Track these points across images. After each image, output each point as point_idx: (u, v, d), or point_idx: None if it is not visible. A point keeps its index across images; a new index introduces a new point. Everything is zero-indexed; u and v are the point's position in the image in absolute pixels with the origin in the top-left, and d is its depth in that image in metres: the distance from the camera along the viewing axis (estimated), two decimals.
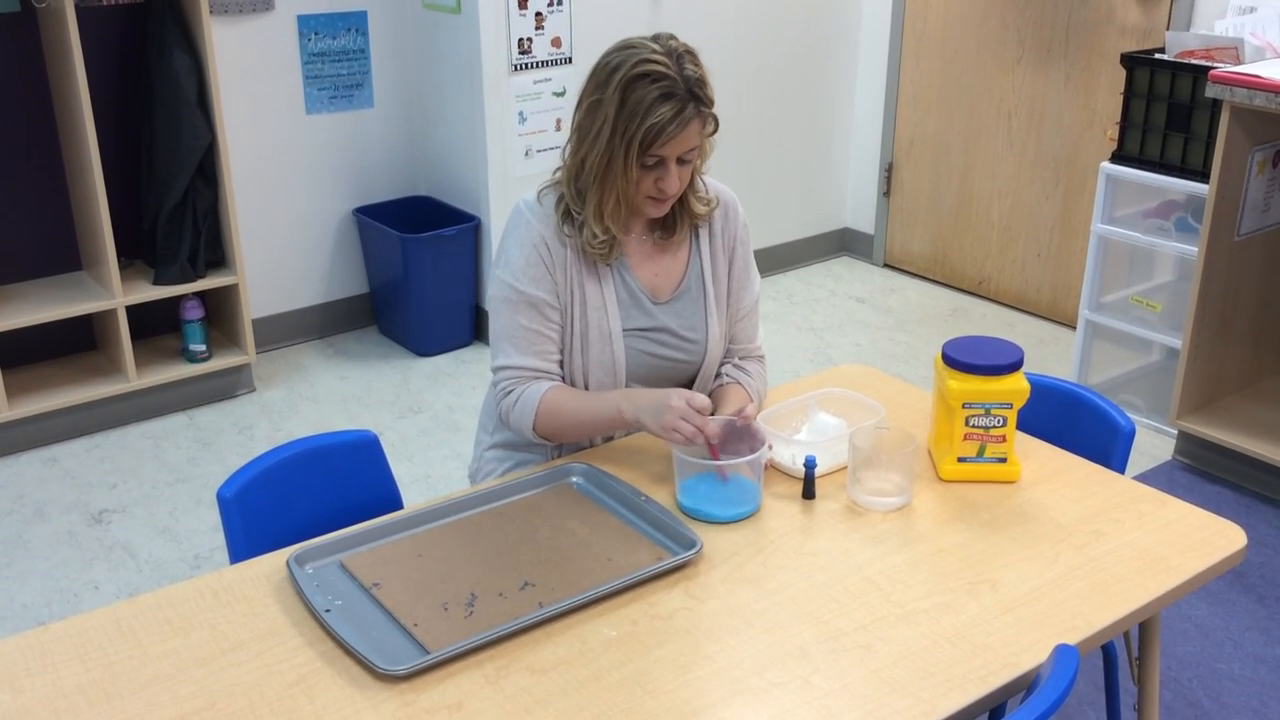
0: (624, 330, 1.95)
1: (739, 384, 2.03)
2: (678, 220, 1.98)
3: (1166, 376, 3.59)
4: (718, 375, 2.07)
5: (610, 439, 2.01)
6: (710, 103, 1.85)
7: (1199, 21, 3.75)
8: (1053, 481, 1.88)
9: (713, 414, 1.92)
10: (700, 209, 1.99)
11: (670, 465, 1.84)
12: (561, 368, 1.96)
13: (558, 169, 1.96)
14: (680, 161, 1.85)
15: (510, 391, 1.93)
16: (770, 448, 1.82)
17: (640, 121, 1.79)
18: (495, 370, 1.95)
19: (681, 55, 1.82)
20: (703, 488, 1.78)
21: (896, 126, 4.83)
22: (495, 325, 1.95)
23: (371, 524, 1.73)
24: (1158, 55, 3.47)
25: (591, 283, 1.93)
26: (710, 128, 1.87)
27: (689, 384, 2.03)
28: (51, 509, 3.22)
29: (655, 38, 1.85)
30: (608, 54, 1.85)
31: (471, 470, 2.14)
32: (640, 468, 1.90)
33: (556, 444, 1.99)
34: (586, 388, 1.96)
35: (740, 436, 1.83)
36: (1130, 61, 3.50)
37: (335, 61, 4.03)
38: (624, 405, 1.85)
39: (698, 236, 2.02)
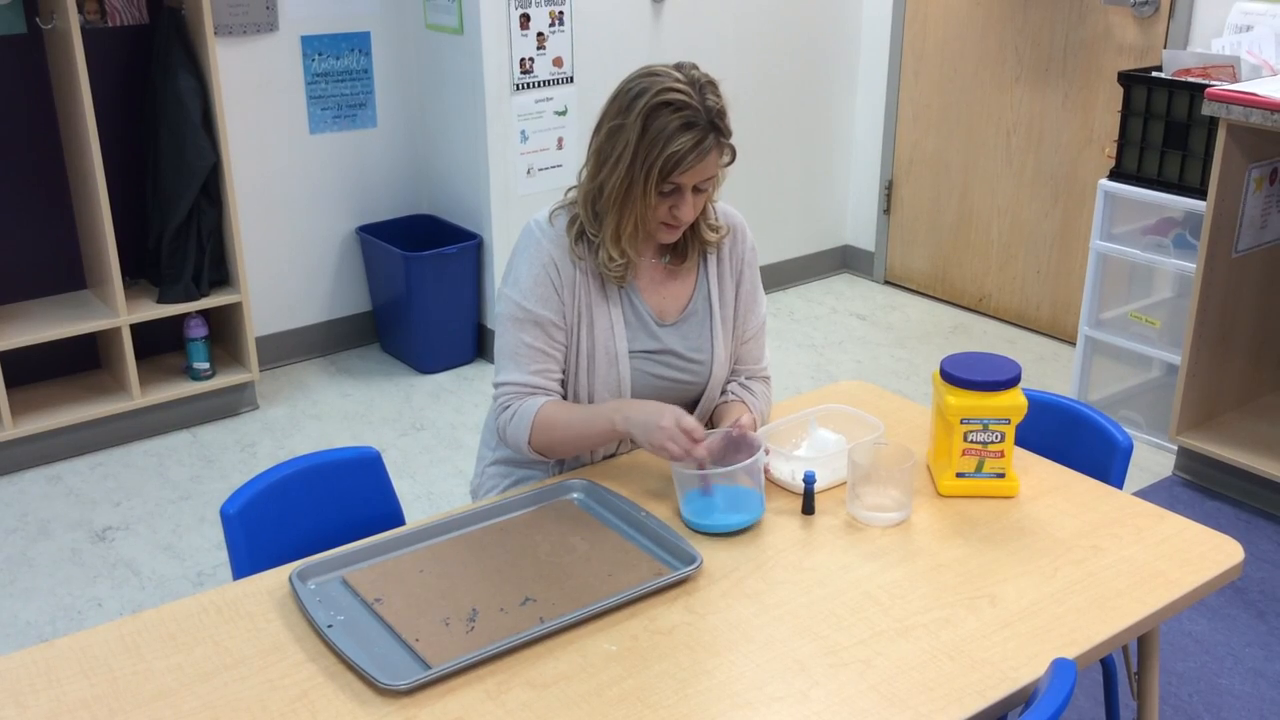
0: (630, 352, 1.96)
1: (742, 401, 2.05)
2: (688, 246, 2.00)
3: (1166, 392, 3.60)
4: (723, 393, 2.08)
5: (610, 456, 2.02)
6: (729, 133, 1.87)
7: (1196, 40, 3.78)
8: (1051, 497, 1.89)
9: (709, 426, 1.94)
10: (711, 236, 2.01)
11: (670, 481, 1.85)
12: (563, 387, 1.98)
13: (571, 189, 1.98)
14: (696, 190, 1.87)
15: (508, 407, 1.94)
16: (767, 452, 1.83)
17: (661, 149, 1.81)
18: (496, 386, 1.97)
19: (704, 85, 1.85)
20: (703, 499, 1.79)
21: (896, 144, 4.85)
22: (500, 342, 1.97)
23: (373, 540, 1.74)
24: (1155, 74, 3.50)
25: (600, 304, 1.95)
26: (727, 158, 1.89)
27: (693, 405, 2.04)
28: (56, 526, 3.23)
29: (678, 66, 1.87)
30: (630, 80, 1.87)
31: (473, 486, 2.15)
32: (640, 483, 1.91)
33: (555, 460, 2.00)
34: None
35: (738, 447, 1.84)
36: (1128, 80, 3.52)
37: (338, 81, 4.06)
38: (616, 418, 1.86)
39: (706, 260, 2.04)
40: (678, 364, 2.00)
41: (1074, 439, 2.10)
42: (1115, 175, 3.60)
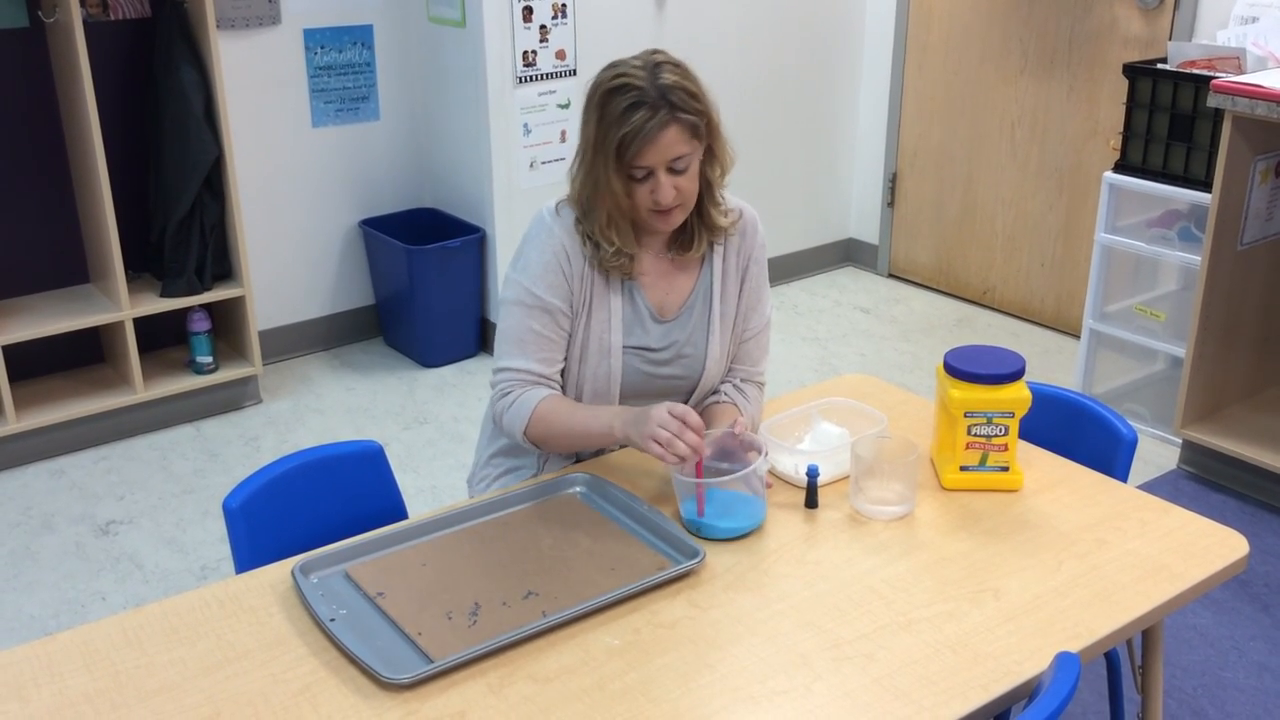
0: (624, 346, 1.95)
1: (734, 404, 2.02)
2: (695, 235, 1.97)
3: (1171, 385, 3.59)
4: (715, 392, 2.05)
5: (600, 452, 2.01)
6: (690, 110, 1.83)
7: (1201, 32, 3.76)
8: (1055, 490, 1.88)
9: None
10: (720, 220, 1.97)
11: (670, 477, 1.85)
12: (562, 376, 1.97)
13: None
14: (672, 171, 1.84)
15: (508, 393, 1.93)
16: (766, 455, 1.81)
17: (615, 132, 1.80)
18: (496, 370, 1.95)
19: (659, 65, 1.83)
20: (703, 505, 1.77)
21: (900, 137, 4.84)
22: (504, 325, 1.95)
23: (376, 534, 1.74)
24: (1160, 65, 3.48)
25: (601, 297, 1.94)
26: (700, 135, 1.86)
27: (685, 401, 2.01)
28: (59, 520, 3.24)
29: (640, 54, 1.86)
30: (595, 76, 1.88)
31: (469, 476, 2.15)
32: (641, 478, 1.90)
33: (545, 453, 1.99)
34: (579, 398, 1.97)
35: (736, 450, 1.82)
36: (1133, 72, 3.50)
37: (341, 75, 4.05)
38: (616, 424, 1.84)
39: (712, 251, 2.01)
40: (670, 359, 1.98)
41: (1078, 432, 2.09)
42: (1120, 167, 3.59)
